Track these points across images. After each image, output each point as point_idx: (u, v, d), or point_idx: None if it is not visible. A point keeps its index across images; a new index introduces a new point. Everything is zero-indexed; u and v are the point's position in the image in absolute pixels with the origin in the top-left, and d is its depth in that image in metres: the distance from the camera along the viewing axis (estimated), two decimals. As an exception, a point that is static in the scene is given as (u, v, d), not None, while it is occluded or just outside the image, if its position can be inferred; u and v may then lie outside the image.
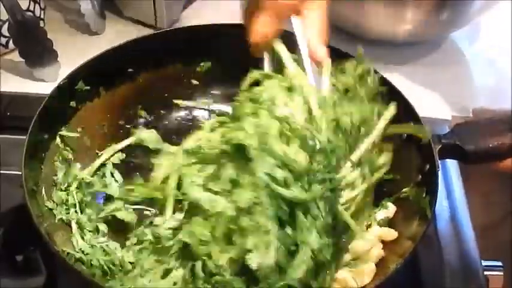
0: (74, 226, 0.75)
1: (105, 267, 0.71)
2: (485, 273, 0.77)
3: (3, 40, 1.03)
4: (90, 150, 0.84)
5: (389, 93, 0.80)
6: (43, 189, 0.74)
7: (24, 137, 0.73)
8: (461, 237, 0.81)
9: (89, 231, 0.75)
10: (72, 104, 0.82)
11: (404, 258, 0.68)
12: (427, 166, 0.75)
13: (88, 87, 0.83)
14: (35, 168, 0.74)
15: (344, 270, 0.70)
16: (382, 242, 0.74)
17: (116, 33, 1.11)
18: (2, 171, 0.83)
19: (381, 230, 0.74)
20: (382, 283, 0.66)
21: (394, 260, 0.70)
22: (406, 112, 0.78)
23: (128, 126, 0.88)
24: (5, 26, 1.00)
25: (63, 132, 0.80)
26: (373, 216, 0.75)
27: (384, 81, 0.80)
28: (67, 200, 0.77)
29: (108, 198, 0.80)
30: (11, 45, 1.03)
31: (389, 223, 0.76)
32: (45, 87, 0.82)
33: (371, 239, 0.73)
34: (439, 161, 0.74)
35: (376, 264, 0.71)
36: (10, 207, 0.76)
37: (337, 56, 0.77)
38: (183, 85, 0.91)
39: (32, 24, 0.98)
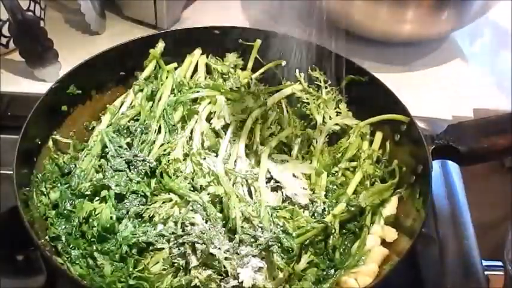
0: None
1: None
2: (486, 273, 0.78)
3: (4, 40, 1.03)
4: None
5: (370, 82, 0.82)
6: (34, 193, 0.74)
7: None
8: (462, 236, 0.81)
9: None
10: (64, 108, 0.83)
11: (401, 258, 0.68)
12: (420, 167, 0.75)
13: (80, 91, 0.84)
14: (26, 173, 0.74)
15: (346, 272, 0.70)
16: (383, 242, 0.74)
17: (116, 33, 1.11)
18: (2, 171, 0.83)
19: (382, 229, 0.74)
20: (378, 283, 0.66)
21: (393, 259, 0.70)
22: (386, 98, 0.80)
23: None
24: (6, 25, 1.00)
25: (56, 137, 0.81)
26: (379, 212, 0.76)
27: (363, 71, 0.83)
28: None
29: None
30: (11, 45, 1.03)
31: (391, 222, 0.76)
32: (45, 87, 0.82)
33: (373, 240, 0.73)
34: (435, 161, 0.74)
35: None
36: (10, 207, 0.76)
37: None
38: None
39: (32, 24, 0.98)
